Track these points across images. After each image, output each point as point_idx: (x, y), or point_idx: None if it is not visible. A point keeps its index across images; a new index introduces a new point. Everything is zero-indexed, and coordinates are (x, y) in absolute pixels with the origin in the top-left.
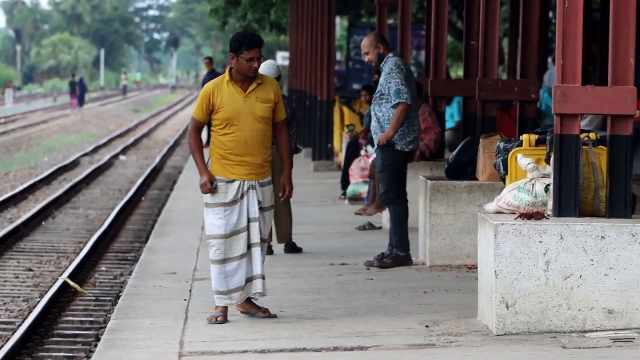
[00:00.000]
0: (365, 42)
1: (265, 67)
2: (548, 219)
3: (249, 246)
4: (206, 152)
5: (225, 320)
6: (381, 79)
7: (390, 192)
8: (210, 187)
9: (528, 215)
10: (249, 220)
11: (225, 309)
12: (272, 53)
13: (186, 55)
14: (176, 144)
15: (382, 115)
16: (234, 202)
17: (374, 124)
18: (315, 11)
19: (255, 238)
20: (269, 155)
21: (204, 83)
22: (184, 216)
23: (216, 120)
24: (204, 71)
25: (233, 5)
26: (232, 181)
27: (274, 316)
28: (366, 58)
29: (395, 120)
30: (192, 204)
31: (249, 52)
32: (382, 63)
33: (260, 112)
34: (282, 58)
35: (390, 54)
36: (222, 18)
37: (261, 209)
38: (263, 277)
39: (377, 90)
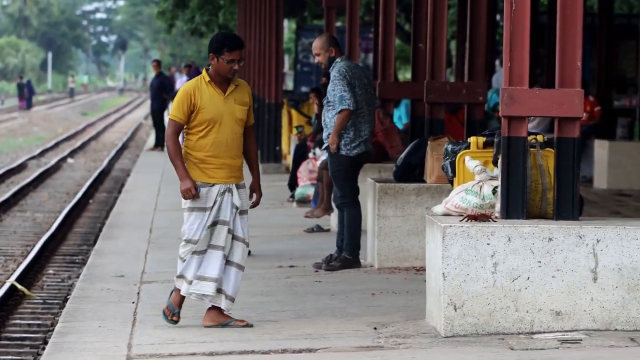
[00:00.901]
0: (317, 44)
1: None
2: (495, 221)
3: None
4: (155, 153)
5: (178, 318)
6: (329, 86)
7: (346, 197)
8: (194, 192)
9: (474, 218)
10: (216, 223)
11: (181, 301)
12: None
13: (134, 58)
14: (124, 146)
15: (330, 121)
16: (209, 209)
17: (324, 129)
18: (263, 14)
19: (239, 257)
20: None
21: (152, 86)
22: (132, 219)
23: (195, 122)
24: (152, 74)
25: (181, 7)
26: (213, 185)
27: (251, 325)
28: (316, 59)
29: (337, 126)
30: (140, 207)
31: (230, 53)
32: (331, 67)
33: (239, 114)
34: None
35: (339, 59)
36: (169, 21)
37: (240, 212)
38: (232, 300)
39: (328, 93)
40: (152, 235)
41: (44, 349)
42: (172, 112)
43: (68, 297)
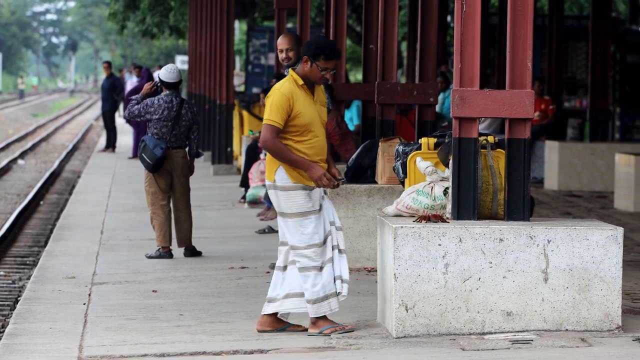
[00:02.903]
0: (290, 40)
1: (166, 72)
2: (447, 222)
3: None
4: (105, 154)
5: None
6: None
7: None
8: (330, 176)
9: (425, 218)
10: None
11: (326, 318)
12: (172, 57)
13: (85, 60)
14: (75, 148)
15: None
16: (320, 209)
17: None
18: (214, 15)
19: (342, 244)
20: None
21: (103, 87)
22: (83, 220)
23: (291, 127)
24: (102, 75)
25: (132, 9)
26: (313, 189)
27: (306, 329)
28: (283, 55)
29: None
30: (91, 208)
31: (326, 62)
32: (296, 66)
33: (324, 116)
34: (181, 62)
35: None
36: (120, 22)
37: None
38: (347, 281)
39: None
40: (103, 237)
41: None
42: (270, 116)
43: (19, 298)
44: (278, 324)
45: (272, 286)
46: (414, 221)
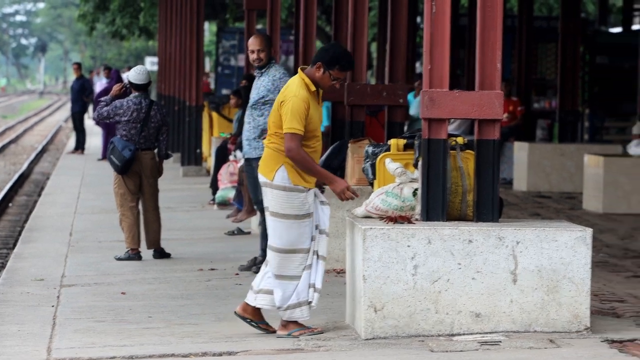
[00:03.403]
0: (261, 40)
1: (135, 73)
2: (414, 223)
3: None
4: (75, 156)
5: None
6: (268, 84)
7: None
8: (353, 190)
9: (393, 219)
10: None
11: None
12: (141, 58)
13: (54, 61)
14: (44, 149)
15: (264, 121)
16: (312, 213)
17: (249, 130)
18: (183, 16)
19: (324, 250)
20: None
21: (72, 89)
22: (52, 222)
23: (305, 132)
24: (72, 77)
25: (101, 10)
26: (309, 190)
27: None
28: (255, 56)
29: None
30: (60, 210)
31: (340, 72)
32: (266, 67)
33: (322, 120)
34: (150, 63)
35: (274, 60)
36: (90, 23)
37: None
38: (319, 291)
39: (259, 95)
40: (72, 239)
41: None
42: (292, 124)
43: None
44: (255, 316)
45: (257, 277)
46: (381, 222)
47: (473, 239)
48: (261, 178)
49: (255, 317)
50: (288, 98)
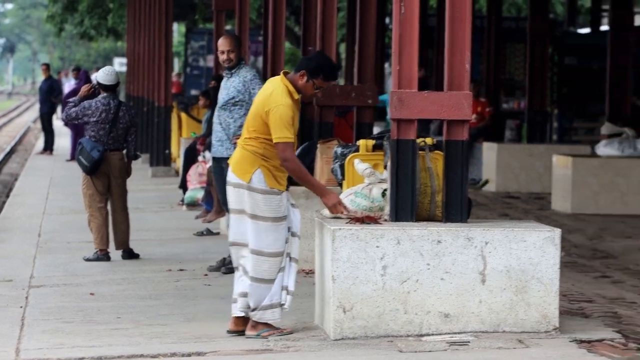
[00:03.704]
0: (231, 41)
1: (103, 74)
2: (380, 223)
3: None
4: (43, 157)
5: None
6: (238, 85)
7: None
8: (344, 204)
9: (360, 220)
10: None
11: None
12: (110, 59)
13: (23, 62)
14: (12, 150)
15: (234, 122)
16: (286, 215)
17: (219, 131)
18: (152, 17)
19: (296, 252)
20: None
21: (41, 89)
22: (21, 223)
23: None
24: (40, 78)
25: (70, 11)
26: (282, 193)
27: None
28: (224, 56)
29: None
30: (28, 211)
31: (324, 82)
32: (236, 68)
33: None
34: (119, 64)
35: (243, 61)
36: (59, 24)
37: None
38: (292, 293)
39: (229, 96)
40: (40, 239)
41: None
42: (283, 133)
43: None
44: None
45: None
46: (346, 223)
47: (442, 239)
48: (234, 179)
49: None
50: (274, 106)
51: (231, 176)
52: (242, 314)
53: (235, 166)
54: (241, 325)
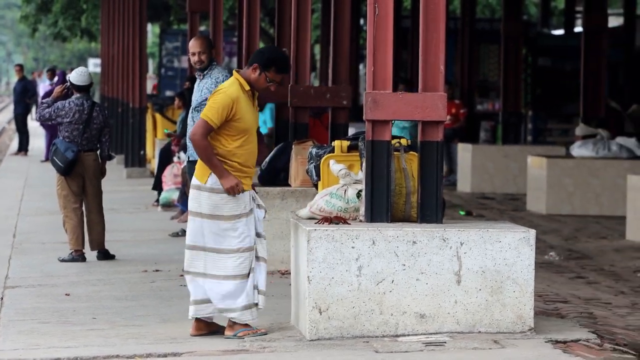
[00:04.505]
0: (203, 43)
1: (76, 75)
2: (348, 223)
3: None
4: (18, 158)
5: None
6: (211, 86)
7: None
8: (241, 186)
9: (328, 220)
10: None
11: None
12: (84, 60)
13: None
14: None
15: None
16: (250, 212)
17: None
18: (126, 18)
19: (263, 252)
20: None
21: (15, 90)
22: None
23: (231, 130)
24: (14, 78)
25: (44, 12)
26: (244, 192)
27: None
28: (195, 58)
29: None
30: (3, 212)
31: (276, 75)
32: (208, 69)
33: (257, 122)
34: (93, 65)
35: (215, 62)
36: (32, 25)
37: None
38: (263, 292)
39: (202, 97)
40: (15, 240)
41: None
42: (209, 113)
43: None
44: (212, 327)
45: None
46: (315, 223)
47: (417, 240)
48: (194, 182)
49: (211, 328)
50: (215, 92)
51: (194, 179)
52: (205, 317)
53: (197, 168)
54: (204, 329)
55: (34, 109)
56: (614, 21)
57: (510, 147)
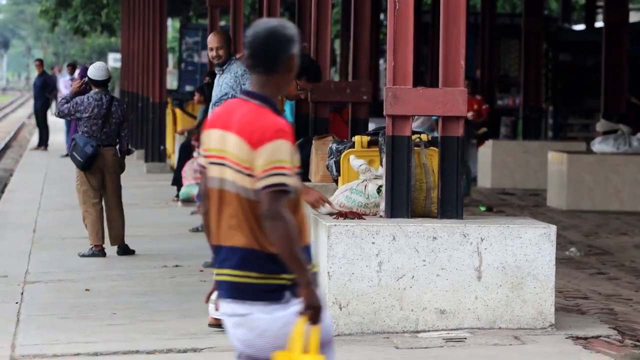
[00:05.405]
0: (220, 38)
1: (94, 70)
2: (363, 219)
3: None
4: (38, 153)
5: None
6: (230, 81)
7: None
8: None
9: (343, 215)
10: None
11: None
12: (104, 55)
13: (17, 57)
14: (7, 146)
15: None
16: None
17: None
18: (146, 13)
19: None
20: None
21: (35, 85)
22: (16, 219)
23: None
24: (34, 73)
25: (64, 6)
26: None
27: None
28: (213, 53)
29: None
30: (23, 207)
31: (306, 83)
32: (227, 64)
33: None
34: (113, 60)
35: (235, 57)
36: (52, 19)
37: None
38: None
39: (222, 93)
40: (35, 235)
41: None
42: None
43: None
44: None
45: None
46: (332, 218)
47: (437, 235)
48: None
49: None
50: None
51: None
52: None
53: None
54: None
55: (53, 104)
56: (635, 16)
57: (530, 142)
